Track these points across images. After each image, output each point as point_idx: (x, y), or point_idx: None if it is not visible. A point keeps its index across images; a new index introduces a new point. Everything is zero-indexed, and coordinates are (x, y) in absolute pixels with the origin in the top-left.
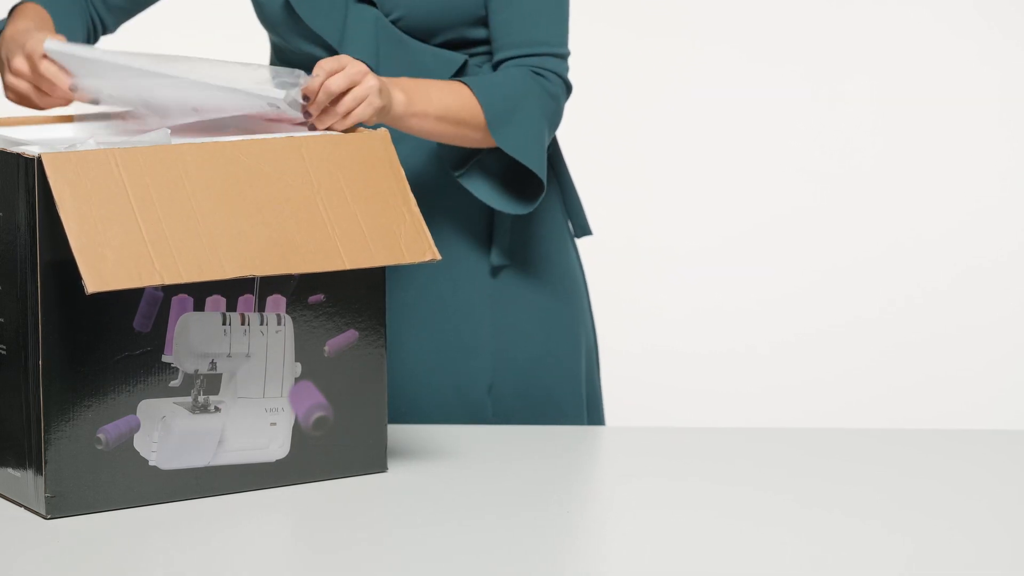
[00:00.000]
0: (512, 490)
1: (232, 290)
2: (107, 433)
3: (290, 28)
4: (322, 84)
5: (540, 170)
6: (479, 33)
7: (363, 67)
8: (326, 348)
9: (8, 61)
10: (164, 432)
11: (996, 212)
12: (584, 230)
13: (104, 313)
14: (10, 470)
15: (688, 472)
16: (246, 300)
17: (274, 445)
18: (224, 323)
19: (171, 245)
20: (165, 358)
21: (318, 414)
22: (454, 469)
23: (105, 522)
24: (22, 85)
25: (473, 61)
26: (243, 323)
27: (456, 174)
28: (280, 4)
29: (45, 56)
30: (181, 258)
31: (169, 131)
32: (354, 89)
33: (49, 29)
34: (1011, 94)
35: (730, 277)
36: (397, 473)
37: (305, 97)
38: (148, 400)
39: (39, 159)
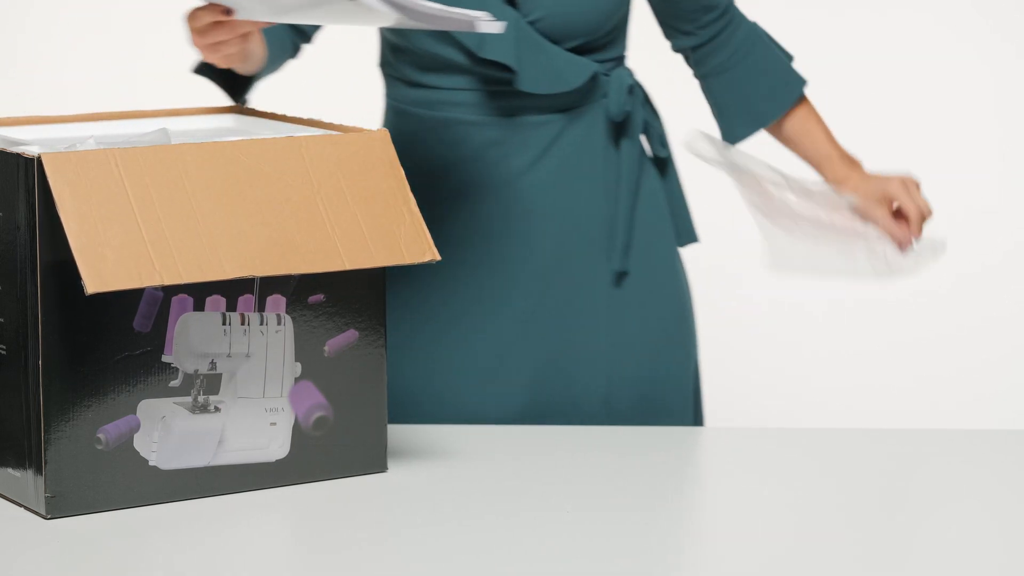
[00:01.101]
0: (512, 490)
1: (232, 290)
2: (107, 433)
3: (427, 33)
4: (918, 209)
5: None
6: (606, 41)
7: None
8: (326, 348)
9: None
10: (164, 432)
11: (995, 212)
12: (690, 237)
13: (104, 313)
14: (10, 470)
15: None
16: (246, 300)
17: (274, 445)
18: (224, 323)
19: (171, 245)
20: (165, 358)
21: (318, 414)
22: (454, 469)
23: (105, 522)
24: (200, 42)
25: (600, 69)
26: (243, 323)
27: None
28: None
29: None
30: (181, 258)
31: (167, 130)
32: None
33: None
34: (1010, 94)
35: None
36: (397, 473)
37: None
38: (148, 400)
39: (39, 159)
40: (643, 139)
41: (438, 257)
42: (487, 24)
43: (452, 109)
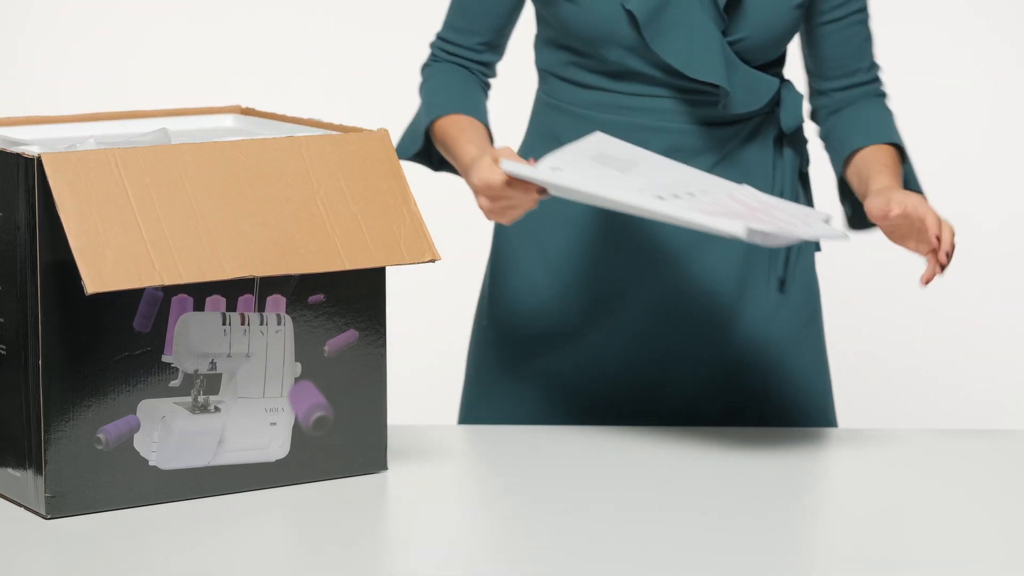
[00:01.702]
0: (513, 490)
1: (232, 290)
2: (107, 433)
3: (622, 47)
4: (947, 235)
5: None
6: (780, 56)
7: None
8: (326, 348)
9: (476, 194)
10: (164, 432)
11: (993, 213)
12: (816, 245)
13: (104, 313)
14: (10, 470)
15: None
16: (246, 300)
17: (274, 445)
18: (224, 323)
19: (171, 245)
20: (165, 358)
21: (318, 414)
22: (454, 469)
23: (105, 522)
24: (496, 210)
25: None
26: (243, 323)
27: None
28: (618, 25)
29: (507, 182)
30: (181, 258)
31: (167, 130)
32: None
33: (484, 141)
34: (1009, 95)
35: None
36: (397, 473)
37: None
38: (148, 400)
39: (39, 159)
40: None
41: (439, 257)
42: (829, 231)
43: (640, 115)
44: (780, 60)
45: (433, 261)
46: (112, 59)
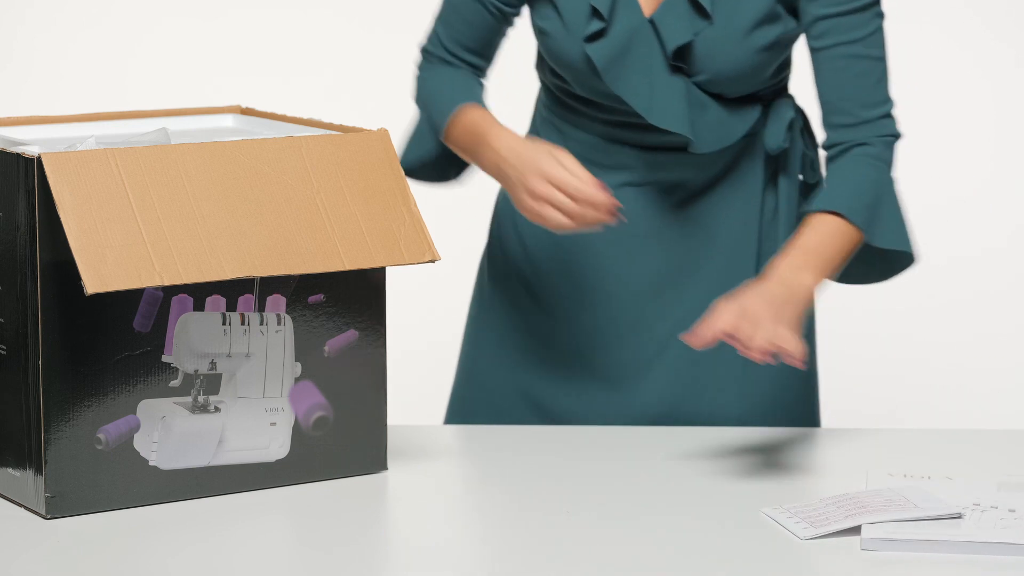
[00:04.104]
0: (513, 490)
1: (232, 290)
2: (107, 433)
3: (589, 83)
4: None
5: (914, 248)
6: (769, 84)
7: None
8: (326, 348)
9: (525, 185)
10: (164, 432)
11: (993, 213)
12: None
13: (104, 313)
14: (10, 470)
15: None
16: (246, 300)
17: (274, 445)
18: (224, 323)
19: (171, 246)
20: (165, 358)
21: (318, 414)
22: (454, 469)
23: (105, 522)
24: (548, 209)
25: (761, 110)
26: (243, 323)
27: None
28: (583, 65)
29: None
30: (181, 259)
31: (167, 130)
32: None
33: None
34: (1007, 96)
35: None
36: (397, 473)
37: None
38: (148, 400)
39: (39, 159)
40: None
41: (438, 257)
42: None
43: (621, 132)
44: (774, 82)
45: (433, 261)
46: (112, 59)
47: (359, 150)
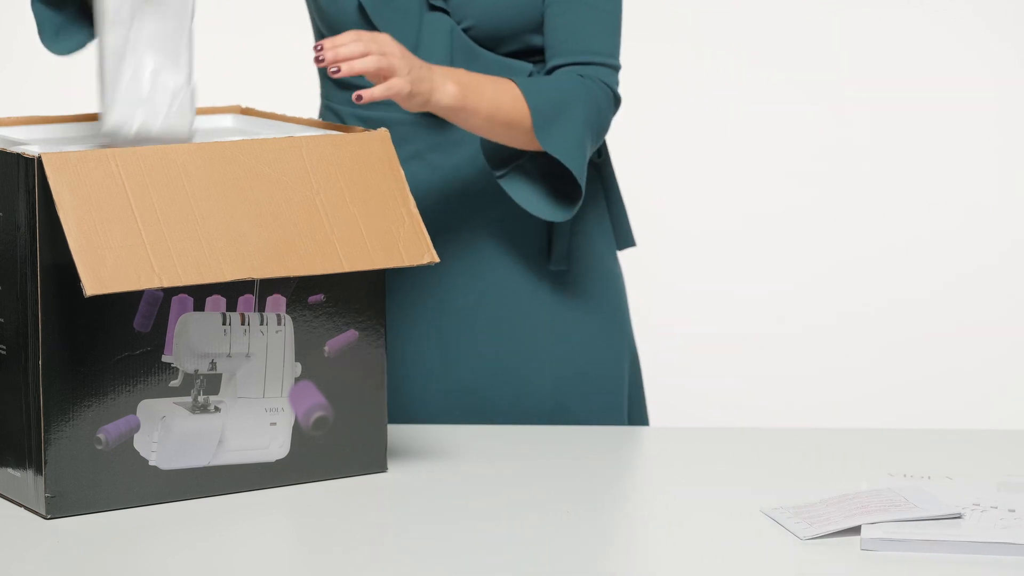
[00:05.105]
0: (513, 490)
1: (232, 290)
2: (107, 433)
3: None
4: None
5: (580, 173)
6: (541, 41)
7: (396, 48)
8: (326, 348)
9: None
10: (164, 432)
11: (992, 213)
12: (628, 242)
13: (104, 313)
14: (10, 470)
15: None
16: (246, 300)
17: (274, 445)
18: (224, 323)
19: (170, 247)
20: (165, 358)
21: (318, 414)
22: (454, 469)
23: (105, 522)
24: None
25: (536, 69)
26: (243, 323)
27: (497, 174)
28: (352, 9)
29: None
30: (180, 260)
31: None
32: (374, 57)
33: None
34: (1007, 95)
35: (727, 278)
36: (397, 473)
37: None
38: (148, 400)
39: (39, 159)
40: None
41: (437, 259)
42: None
43: (387, 109)
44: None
45: (432, 263)
46: None
47: (359, 151)
